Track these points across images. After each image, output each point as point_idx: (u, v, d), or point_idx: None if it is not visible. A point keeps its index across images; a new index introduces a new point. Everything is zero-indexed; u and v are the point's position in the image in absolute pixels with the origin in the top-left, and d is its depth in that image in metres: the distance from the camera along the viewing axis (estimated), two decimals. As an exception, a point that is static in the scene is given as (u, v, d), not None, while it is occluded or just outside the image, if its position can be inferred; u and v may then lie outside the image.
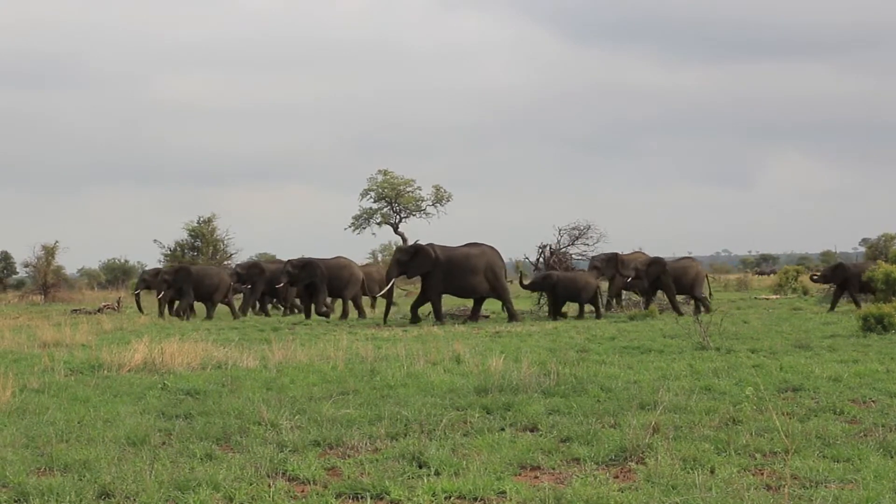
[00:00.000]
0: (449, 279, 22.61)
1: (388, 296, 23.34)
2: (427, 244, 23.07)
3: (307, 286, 25.30)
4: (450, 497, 5.95)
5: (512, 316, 22.64)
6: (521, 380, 10.05)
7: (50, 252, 45.92)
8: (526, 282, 24.70)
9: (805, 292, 32.04)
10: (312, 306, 25.14)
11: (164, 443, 7.61)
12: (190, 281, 25.98)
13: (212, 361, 12.79)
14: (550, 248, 26.34)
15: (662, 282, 24.48)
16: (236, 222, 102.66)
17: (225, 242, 46.84)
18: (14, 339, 17.15)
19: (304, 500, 5.96)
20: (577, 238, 26.71)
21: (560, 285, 23.00)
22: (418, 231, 69.61)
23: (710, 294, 25.70)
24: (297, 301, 27.49)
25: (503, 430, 7.95)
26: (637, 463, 6.76)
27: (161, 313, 25.87)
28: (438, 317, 22.57)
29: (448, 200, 54.26)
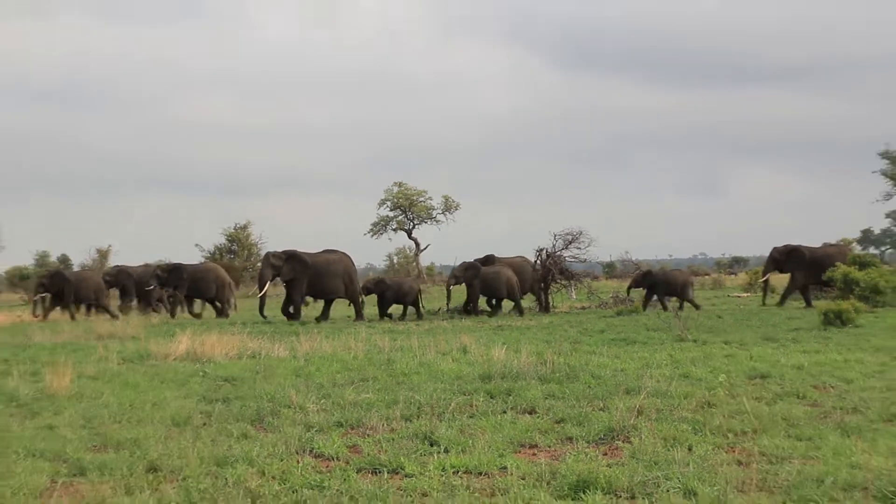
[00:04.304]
0: (314, 283, 22.79)
1: (262, 297, 22.89)
2: (293, 251, 22.80)
3: (176, 288, 25.26)
4: (458, 472, 5.96)
5: (359, 314, 22.90)
6: (521, 368, 10.06)
7: (104, 255, 46.11)
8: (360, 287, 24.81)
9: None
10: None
11: (205, 423, 7.63)
12: (70, 285, 24.83)
13: (247, 352, 12.84)
14: (547, 251, 26.21)
15: (473, 286, 23.60)
16: (265, 228, 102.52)
17: (258, 247, 46.97)
18: (72, 332, 17.24)
19: (328, 474, 5.98)
20: (571, 243, 26.54)
21: (388, 290, 23.09)
22: (430, 236, 69.71)
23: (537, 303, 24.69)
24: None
25: (505, 412, 7.95)
26: (623, 441, 6.76)
27: (36, 314, 24.61)
28: (297, 314, 22.48)
29: (456, 209, 54.31)
